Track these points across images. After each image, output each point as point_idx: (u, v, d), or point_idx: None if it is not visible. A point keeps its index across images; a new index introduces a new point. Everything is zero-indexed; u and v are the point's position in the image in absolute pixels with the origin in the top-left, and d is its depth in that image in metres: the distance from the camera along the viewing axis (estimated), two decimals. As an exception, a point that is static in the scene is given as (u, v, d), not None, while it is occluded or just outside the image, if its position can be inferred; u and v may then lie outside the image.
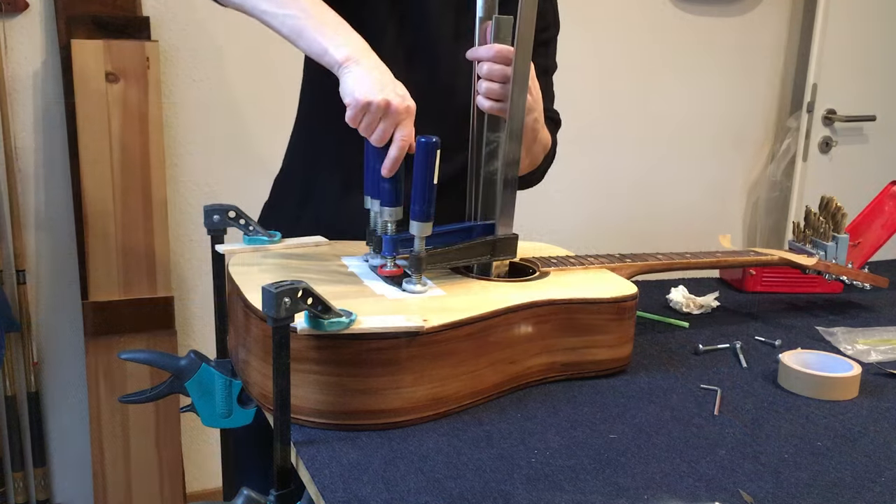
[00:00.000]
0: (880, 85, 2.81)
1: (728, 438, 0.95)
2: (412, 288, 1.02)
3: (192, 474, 2.35)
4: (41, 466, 2.14)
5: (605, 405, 1.03)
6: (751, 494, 0.83)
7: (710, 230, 2.88)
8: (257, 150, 2.20)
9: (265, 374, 0.94)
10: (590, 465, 0.88)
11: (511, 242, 1.12)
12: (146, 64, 1.94)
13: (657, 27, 2.65)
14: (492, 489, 0.82)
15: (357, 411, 0.91)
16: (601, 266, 1.21)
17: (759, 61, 2.83)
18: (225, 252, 1.13)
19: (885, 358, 1.23)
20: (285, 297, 0.80)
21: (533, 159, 1.28)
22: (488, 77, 1.07)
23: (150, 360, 1.10)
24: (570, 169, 2.64)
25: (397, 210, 1.03)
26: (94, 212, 1.96)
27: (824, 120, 2.75)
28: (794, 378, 1.10)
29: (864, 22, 2.72)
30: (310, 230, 1.23)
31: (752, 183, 2.94)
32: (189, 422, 2.24)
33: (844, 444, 0.96)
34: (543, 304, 1.03)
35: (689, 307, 1.43)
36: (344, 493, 0.80)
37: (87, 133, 1.93)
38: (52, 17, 1.96)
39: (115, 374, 2.03)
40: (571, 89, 2.59)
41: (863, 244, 1.50)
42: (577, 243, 2.67)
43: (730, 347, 1.25)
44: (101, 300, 1.99)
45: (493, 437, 0.92)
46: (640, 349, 1.21)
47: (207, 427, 1.12)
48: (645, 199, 2.78)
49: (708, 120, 2.80)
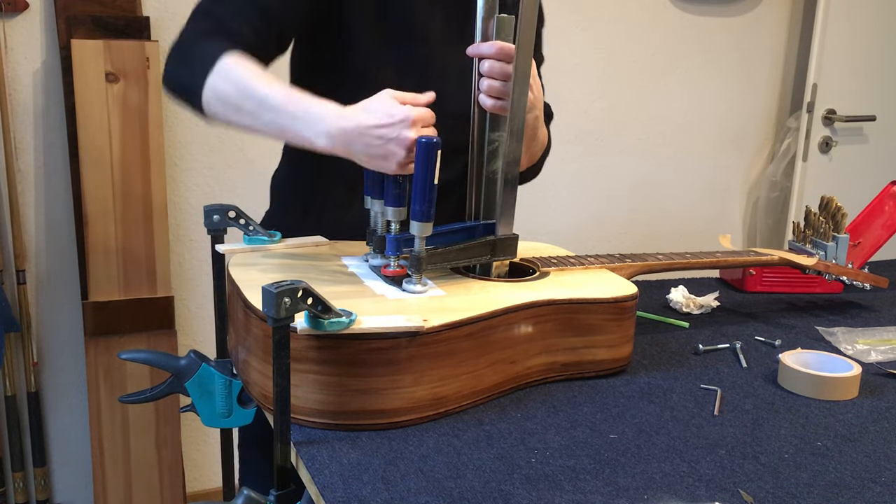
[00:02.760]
0: (880, 85, 2.81)
1: (728, 438, 0.95)
2: (412, 288, 1.02)
3: (192, 474, 2.35)
4: (41, 466, 2.14)
5: (605, 405, 1.03)
6: (751, 494, 0.83)
7: (710, 230, 2.88)
8: (257, 150, 2.20)
9: (265, 374, 0.94)
10: (590, 465, 0.88)
11: (511, 242, 1.12)
12: (146, 64, 1.94)
13: (657, 27, 2.65)
14: (492, 489, 0.82)
15: (357, 411, 0.91)
16: (601, 266, 1.21)
17: (759, 61, 2.83)
18: (225, 252, 1.13)
19: (885, 358, 1.23)
20: (285, 297, 0.80)
21: (531, 156, 1.28)
22: (489, 74, 1.06)
23: (150, 360, 1.10)
24: (571, 169, 2.64)
25: (401, 210, 1.03)
26: (94, 212, 1.95)
27: (824, 120, 2.75)
28: (794, 378, 1.10)
29: (864, 22, 2.72)
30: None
31: (752, 183, 2.94)
32: (189, 422, 2.24)
33: (844, 444, 0.96)
34: (543, 304, 1.03)
35: (689, 307, 1.43)
36: (344, 493, 0.80)
37: (87, 133, 1.93)
38: (52, 17, 1.96)
39: (115, 374, 2.03)
40: (572, 89, 2.60)
41: (863, 244, 1.50)
42: (577, 243, 2.67)
43: (730, 347, 1.25)
44: (101, 300, 1.99)
45: (493, 437, 0.92)
46: (640, 349, 1.21)
47: (207, 427, 1.12)
48: (645, 200, 2.78)
49: (708, 120, 2.80)
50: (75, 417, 2.18)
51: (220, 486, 1.57)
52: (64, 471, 2.21)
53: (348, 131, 0.98)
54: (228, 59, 1.04)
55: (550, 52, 1.51)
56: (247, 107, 1.02)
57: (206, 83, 1.04)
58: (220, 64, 1.04)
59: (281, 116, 1.01)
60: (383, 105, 0.98)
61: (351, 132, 0.98)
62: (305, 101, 1.01)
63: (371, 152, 0.98)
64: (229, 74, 1.03)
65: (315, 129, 0.99)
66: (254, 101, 1.02)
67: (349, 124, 0.98)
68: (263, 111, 1.02)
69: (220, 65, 1.04)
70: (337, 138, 0.98)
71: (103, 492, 2.07)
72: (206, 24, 1.09)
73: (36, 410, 2.10)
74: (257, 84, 1.02)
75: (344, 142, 0.98)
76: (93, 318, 1.99)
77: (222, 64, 1.04)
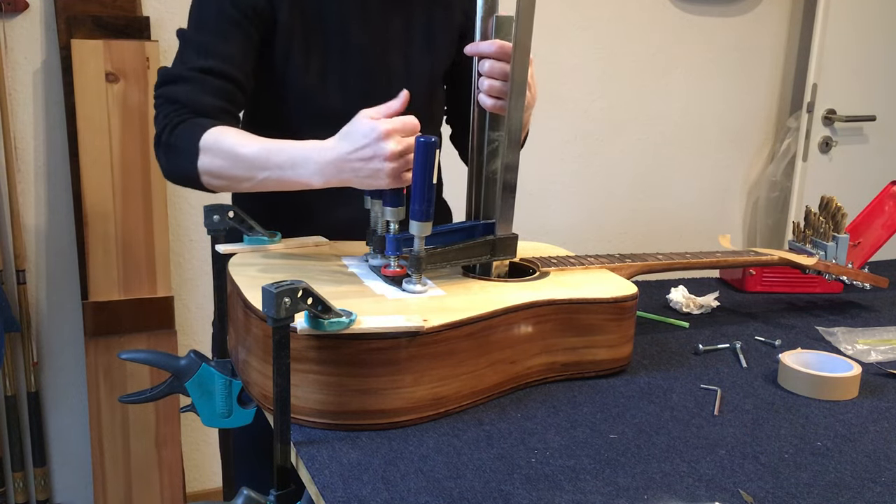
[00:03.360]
0: (880, 85, 2.81)
1: (728, 438, 0.95)
2: (412, 288, 1.02)
3: (192, 474, 2.35)
4: (41, 466, 2.14)
5: (605, 405, 1.03)
6: (751, 494, 0.83)
7: (710, 230, 2.88)
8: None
9: (265, 374, 0.94)
10: (590, 465, 0.88)
11: (511, 242, 1.12)
12: (146, 64, 1.94)
13: (657, 27, 2.65)
14: (492, 489, 0.82)
15: (357, 411, 0.91)
16: (601, 266, 1.21)
17: (759, 61, 2.83)
18: (225, 252, 1.13)
19: (885, 358, 1.23)
20: (285, 297, 0.80)
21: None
22: (490, 74, 1.06)
23: (150, 360, 1.10)
24: (571, 169, 2.64)
25: (399, 210, 1.03)
26: (94, 212, 1.95)
27: (824, 120, 2.75)
28: (794, 378, 1.10)
29: (864, 22, 2.72)
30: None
31: (752, 183, 2.94)
32: (189, 422, 2.24)
33: (844, 444, 0.96)
34: (543, 304, 1.03)
35: (689, 307, 1.43)
36: (344, 493, 0.80)
37: (87, 133, 1.93)
38: (52, 17, 1.96)
39: (115, 374, 2.03)
40: (572, 89, 2.60)
41: (863, 244, 1.50)
42: (577, 243, 2.67)
43: (730, 347, 1.25)
44: (101, 300, 1.99)
45: (493, 437, 0.92)
46: (640, 349, 1.21)
47: (207, 427, 1.12)
48: (645, 200, 2.78)
49: (708, 120, 2.80)
50: (75, 417, 2.18)
51: (220, 486, 1.57)
52: (64, 471, 2.21)
53: (333, 162, 1.01)
54: (208, 135, 1.08)
55: (550, 52, 1.51)
56: (241, 173, 1.06)
57: (198, 167, 1.08)
58: (202, 144, 1.08)
59: (272, 171, 1.04)
60: (357, 127, 1.00)
61: (335, 162, 1.00)
62: (286, 148, 1.04)
63: (359, 175, 1.00)
64: (213, 150, 1.07)
65: (306, 172, 1.02)
66: (243, 166, 1.06)
67: (332, 155, 1.01)
68: (256, 171, 1.05)
69: (202, 145, 1.08)
70: (327, 172, 1.01)
71: (103, 492, 2.07)
72: (172, 110, 1.13)
73: (36, 410, 2.10)
74: (240, 150, 1.06)
75: (334, 173, 1.01)
76: (93, 318, 1.99)
77: (203, 143, 1.08)
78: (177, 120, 1.11)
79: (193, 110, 1.12)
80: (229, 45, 1.14)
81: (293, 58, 1.19)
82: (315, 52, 1.20)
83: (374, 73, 1.24)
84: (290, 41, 1.19)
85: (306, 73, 1.20)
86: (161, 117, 1.13)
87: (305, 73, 1.20)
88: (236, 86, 1.16)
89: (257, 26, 1.17)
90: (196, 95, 1.12)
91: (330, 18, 1.20)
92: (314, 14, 1.19)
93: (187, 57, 1.15)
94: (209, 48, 1.14)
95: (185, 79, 1.13)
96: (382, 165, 0.98)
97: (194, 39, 1.15)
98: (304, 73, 1.20)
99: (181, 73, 1.14)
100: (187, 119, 1.11)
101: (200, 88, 1.13)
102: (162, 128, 1.12)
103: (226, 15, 1.14)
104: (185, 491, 2.20)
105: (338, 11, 1.20)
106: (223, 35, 1.14)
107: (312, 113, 1.22)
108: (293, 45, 1.19)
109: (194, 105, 1.12)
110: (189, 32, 1.17)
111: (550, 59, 2.49)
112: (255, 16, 1.16)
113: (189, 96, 1.12)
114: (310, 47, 1.20)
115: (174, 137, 1.10)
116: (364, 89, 1.23)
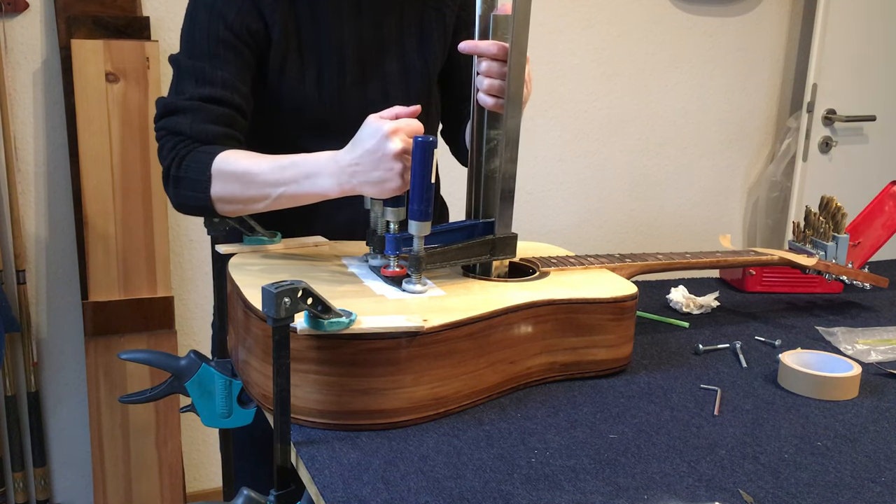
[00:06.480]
0: (880, 85, 2.81)
1: (728, 438, 0.95)
2: (412, 288, 1.02)
3: (192, 474, 2.35)
4: (41, 466, 2.14)
5: (605, 405, 1.03)
6: (751, 494, 0.83)
7: (710, 230, 2.88)
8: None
9: (265, 374, 0.94)
10: (590, 465, 0.88)
11: (511, 242, 1.12)
12: (146, 64, 1.94)
13: (657, 27, 2.65)
14: (492, 489, 0.82)
15: (357, 411, 0.91)
16: (601, 266, 1.21)
17: (759, 61, 2.83)
18: (225, 252, 1.13)
19: (885, 358, 1.23)
20: (285, 297, 0.80)
21: None
22: (489, 74, 1.07)
23: (150, 360, 1.10)
24: (571, 169, 2.64)
25: (400, 210, 1.03)
26: (94, 212, 1.96)
27: (824, 120, 2.75)
28: (794, 378, 1.10)
29: (864, 22, 2.72)
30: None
31: (752, 183, 2.94)
32: (189, 422, 2.24)
33: (844, 444, 0.96)
34: (543, 304, 1.03)
35: (689, 307, 1.43)
36: (344, 493, 0.80)
37: (87, 133, 1.93)
38: (52, 17, 1.96)
39: (115, 374, 2.03)
40: (572, 89, 2.60)
41: (863, 244, 1.50)
42: (577, 243, 2.68)
43: (730, 347, 1.25)
44: (101, 300, 1.99)
45: (493, 437, 0.92)
46: (640, 349, 1.22)
47: (207, 427, 1.12)
48: (645, 200, 2.78)
49: (708, 120, 2.80)
50: (75, 417, 2.18)
51: (220, 486, 1.57)
52: (64, 471, 2.21)
53: (346, 168, 1.00)
54: (217, 162, 1.07)
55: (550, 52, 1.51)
56: (255, 193, 1.06)
57: (210, 195, 1.08)
58: (213, 171, 1.07)
59: (287, 186, 1.04)
60: (366, 131, 1.00)
61: (348, 168, 1.00)
62: (298, 161, 1.04)
63: (372, 179, 0.99)
64: (225, 175, 1.07)
65: (321, 181, 1.02)
66: (257, 185, 1.05)
67: (344, 161, 1.01)
68: (270, 189, 1.05)
69: (213, 172, 1.07)
70: (342, 179, 1.01)
71: (103, 492, 2.07)
72: (177, 142, 1.11)
73: (36, 410, 2.10)
74: (252, 170, 1.05)
75: (348, 179, 1.01)
76: (93, 318, 1.99)
77: (214, 170, 1.07)
78: (184, 152, 1.10)
79: (198, 140, 1.11)
80: (226, 69, 1.13)
81: (287, 71, 1.19)
82: (310, 64, 1.20)
83: (370, 80, 1.24)
84: (284, 56, 1.18)
85: (302, 84, 1.19)
86: (166, 151, 1.12)
87: (301, 85, 1.19)
88: (236, 110, 1.14)
89: (252, 47, 1.15)
90: (198, 125, 1.11)
91: (324, 29, 1.19)
92: (307, 27, 1.18)
93: (184, 86, 1.13)
94: (206, 75, 1.12)
95: (185, 109, 1.11)
96: (392, 164, 0.98)
97: (190, 66, 1.13)
98: (299, 84, 1.19)
99: (180, 103, 1.12)
100: (193, 150, 1.10)
101: (202, 118, 1.11)
102: (170, 162, 1.11)
103: (219, 38, 1.13)
104: (185, 491, 2.20)
105: (331, 21, 1.20)
106: (219, 59, 1.13)
107: (310, 124, 1.22)
108: (287, 60, 1.18)
109: (198, 135, 1.11)
110: (183, 59, 1.14)
111: (550, 60, 2.49)
112: (250, 36, 1.14)
113: (192, 127, 1.11)
114: (304, 60, 1.19)
115: (183, 170, 1.09)
116: (361, 96, 1.23)
